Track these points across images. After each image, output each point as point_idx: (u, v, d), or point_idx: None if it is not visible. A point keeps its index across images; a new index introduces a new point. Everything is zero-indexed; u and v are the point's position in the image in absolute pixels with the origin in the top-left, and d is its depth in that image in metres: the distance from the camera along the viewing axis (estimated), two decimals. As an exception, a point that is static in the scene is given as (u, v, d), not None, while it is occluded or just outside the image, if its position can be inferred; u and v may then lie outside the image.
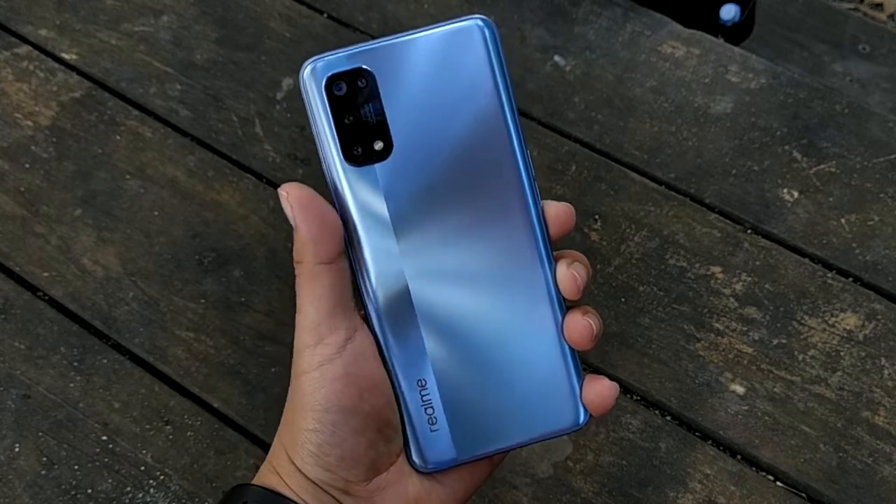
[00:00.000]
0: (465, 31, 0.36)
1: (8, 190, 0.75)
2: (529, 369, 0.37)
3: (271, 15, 0.86)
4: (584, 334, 0.37)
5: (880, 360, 0.66)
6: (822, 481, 0.61)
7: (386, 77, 0.35)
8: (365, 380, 0.36)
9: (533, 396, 0.37)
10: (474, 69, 0.35)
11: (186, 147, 0.78)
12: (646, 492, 0.61)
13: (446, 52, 0.35)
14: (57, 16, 0.86)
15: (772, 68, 0.82)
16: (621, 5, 0.87)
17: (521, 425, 0.38)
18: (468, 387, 0.37)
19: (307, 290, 0.36)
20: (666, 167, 0.76)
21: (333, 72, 0.35)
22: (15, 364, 0.66)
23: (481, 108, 0.35)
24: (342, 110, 0.35)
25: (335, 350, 0.36)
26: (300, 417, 0.37)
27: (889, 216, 0.73)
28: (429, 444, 0.37)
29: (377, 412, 0.37)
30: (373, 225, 0.36)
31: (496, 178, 0.36)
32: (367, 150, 0.35)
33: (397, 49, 0.35)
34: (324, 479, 0.37)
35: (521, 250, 0.37)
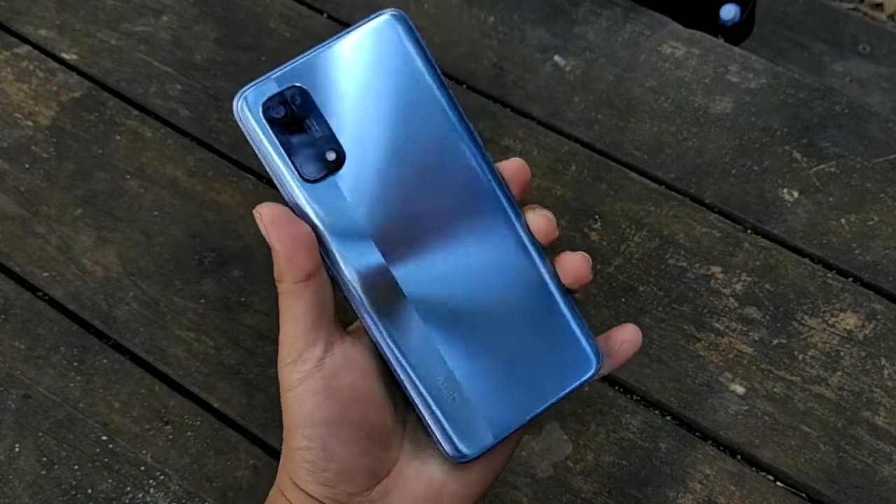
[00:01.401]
0: (379, 27, 0.36)
1: (8, 190, 0.75)
2: (537, 331, 0.38)
3: (271, 15, 0.86)
4: (580, 267, 0.37)
5: (880, 360, 0.66)
6: (822, 481, 0.61)
7: (318, 89, 0.35)
8: (347, 390, 0.36)
9: (548, 356, 0.38)
10: (398, 60, 0.36)
11: (186, 147, 0.78)
12: (646, 492, 0.61)
13: (367, 50, 0.36)
14: (57, 16, 0.86)
15: (772, 68, 0.82)
16: (621, 5, 0.87)
17: (546, 387, 0.38)
18: (485, 366, 0.37)
19: (288, 308, 0.37)
20: (666, 167, 0.76)
21: (266, 97, 0.35)
22: (15, 364, 0.66)
23: (415, 95, 0.36)
24: (285, 132, 0.35)
25: (314, 364, 0.36)
26: (291, 437, 0.37)
27: (889, 216, 0.73)
28: (464, 433, 0.37)
29: (365, 420, 0.37)
30: (348, 236, 0.36)
31: (449, 154, 0.36)
32: (321, 165, 0.35)
33: (320, 60, 0.35)
34: (326, 495, 0.37)
35: (493, 218, 0.37)
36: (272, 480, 0.40)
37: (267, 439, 0.63)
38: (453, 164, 0.36)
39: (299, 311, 0.36)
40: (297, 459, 0.37)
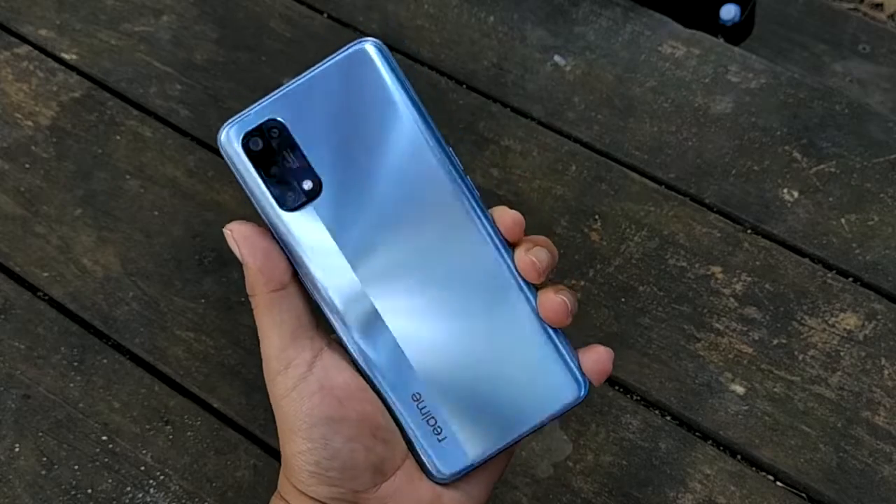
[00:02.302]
0: (353, 56, 0.37)
1: (8, 190, 0.75)
2: (518, 357, 0.38)
3: (271, 15, 0.86)
4: (557, 311, 0.38)
5: (880, 360, 0.66)
6: (822, 481, 0.62)
7: (296, 121, 0.37)
8: (341, 389, 0.37)
9: (529, 381, 0.38)
10: (374, 88, 0.37)
11: (186, 147, 0.78)
12: (646, 492, 0.61)
13: (343, 80, 0.37)
14: (57, 16, 0.86)
15: (772, 68, 0.82)
16: (621, 5, 0.87)
17: (526, 412, 0.38)
18: (464, 389, 0.38)
19: (267, 318, 0.37)
20: (666, 167, 0.76)
21: (245, 130, 0.37)
22: (15, 364, 0.66)
23: (393, 123, 0.37)
24: (264, 163, 0.37)
25: (306, 368, 0.36)
26: (289, 443, 0.37)
27: (889, 216, 0.73)
28: (441, 454, 0.38)
29: (365, 416, 0.37)
30: (326, 261, 0.37)
31: (429, 182, 0.37)
32: (298, 194, 0.37)
33: (298, 92, 0.37)
34: (332, 495, 0.37)
35: (474, 246, 0.37)
36: (272, 480, 0.40)
37: (267, 439, 0.63)
38: (431, 190, 0.37)
39: (279, 319, 0.37)
40: (299, 464, 0.37)
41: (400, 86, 0.36)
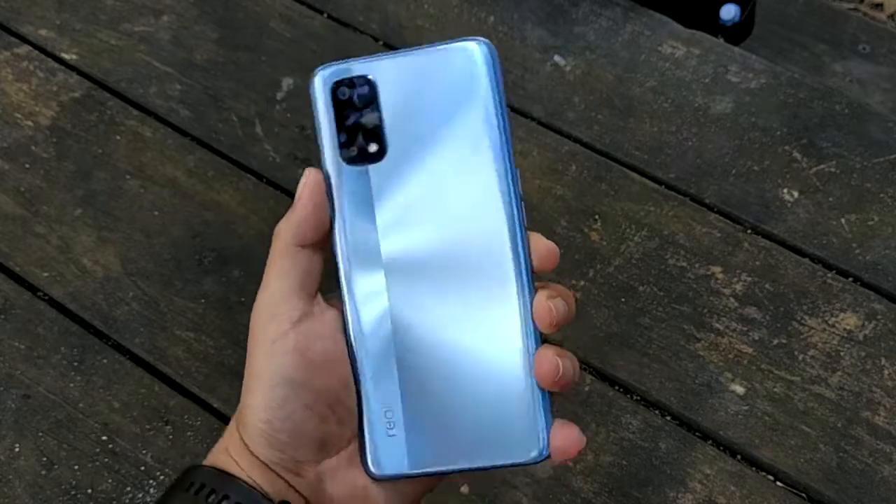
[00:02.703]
0: (464, 50, 0.37)
1: (8, 190, 0.75)
2: (497, 396, 0.37)
3: (271, 15, 0.86)
4: (547, 373, 0.36)
5: (880, 360, 0.66)
6: (822, 481, 0.61)
7: (387, 87, 0.37)
8: (318, 356, 0.36)
9: (496, 423, 0.37)
10: (470, 88, 0.37)
11: (186, 147, 0.78)
12: (646, 492, 0.61)
13: (446, 69, 0.37)
14: (57, 16, 0.86)
15: (772, 68, 0.82)
16: (621, 5, 0.87)
17: (479, 450, 0.37)
18: (433, 402, 0.37)
19: (277, 265, 0.37)
20: (666, 167, 0.76)
21: (338, 78, 0.38)
22: (15, 364, 0.66)
23: (472, 124, 0.37)
24: (343, 113, 0.38)
25: (289, 325, 0.36)
26: (250, 393, 0.37)
27: (889, 216, 0.73)
28: (384, 450, 0.37)
29: (328, 389, 0.37)
30: (359, 223, 0.37)
31: (482, 191, 0.37)
32: (361, 151, 0.37)
33: (401, 62, 0.37)
34: (273, 459, 0.37)
35: (502, 273, 0.37)
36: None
37: (267, 439, 0.63)
38: (481, 199, 0.37)
39: (286, 270, 0.37)
40: (251, 417, 0.37)
41: (493, 94, 0.37)
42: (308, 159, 0.77)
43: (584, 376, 0.66)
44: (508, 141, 0.37)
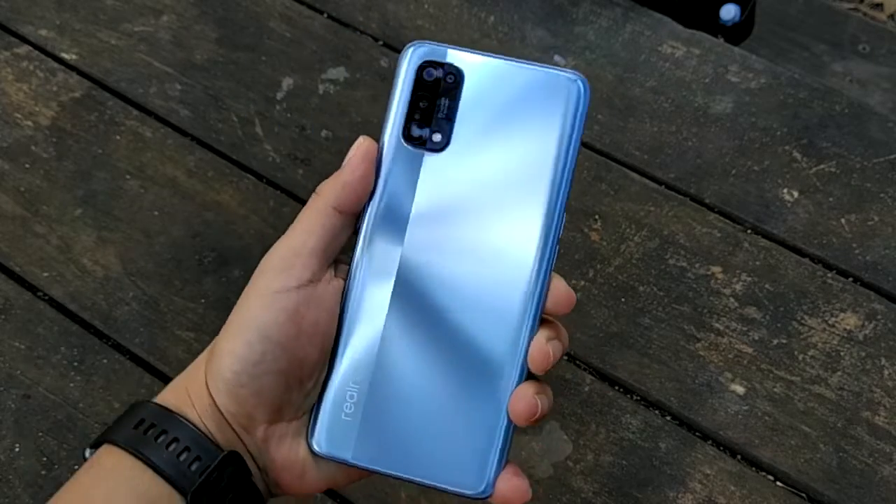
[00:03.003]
0: (561, 81, 0.37)
1: (8, 190, 0.75)
2: (463, 420, 0.37)
3: (271, 15, 0.86)
4: (523, 411, 0.36)
5: (880, 360, 0.66)
6: (822, 481, 0.61)
7: (473, 84, 0.37)
8: (310, 325, 0.36)
9: (451, 446, 0.37)
10: (552, 118, 0.37)
11: (186, 147, 0.78)
12: (646, 492, 0.61)
13: (536, 90, 0.37)
14: (57, 16, 0.86)
15: (772, 68, 0.82)
16: (621, 5, 0.87)
17: (424, 465, 0.37)
18: (399, 401, 0.37)
19: (307, 220, 0.37)
20: (666, 167, 0.76)
21: (430, 59, 0.37)
22: (15, 364, 0.66)
23: (542, 157, 0.37)
24: (421, 93, 0.37)
25: (296, 283, 0.36)
26: (230, 337, 0.36)
27: (889, 216, 0.73)
28: (330, 430, 0.37)
29: (306, 361, 0.36)
30: (396, 205, 0.37)
31: (523, 226, 0.37)
32: (424, 137, 0.37)
33: (496, 67, 0.37)
34: (230, 410, 0.36)
35: (512, 303, 0.37)
36: (272, 480, 0.40)
37: (267, 439, 0.63)
38: (520, 234, 0.37)
39: (315, 228, 0.36)
40: (222, 364, 0.36)
41: (571, 133, 0.37)
42: (308, 159, 0.77)
43: (584, 376, 0.66)
44: (569, 184, 0.37)
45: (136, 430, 0.35)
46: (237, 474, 0.36)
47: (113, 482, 0.35)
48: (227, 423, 0.36)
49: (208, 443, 0.35)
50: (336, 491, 0.61)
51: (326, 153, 0.77)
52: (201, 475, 0.34)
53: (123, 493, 0.34)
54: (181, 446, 0.35)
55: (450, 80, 0.37)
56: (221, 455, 0.35)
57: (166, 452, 0.35)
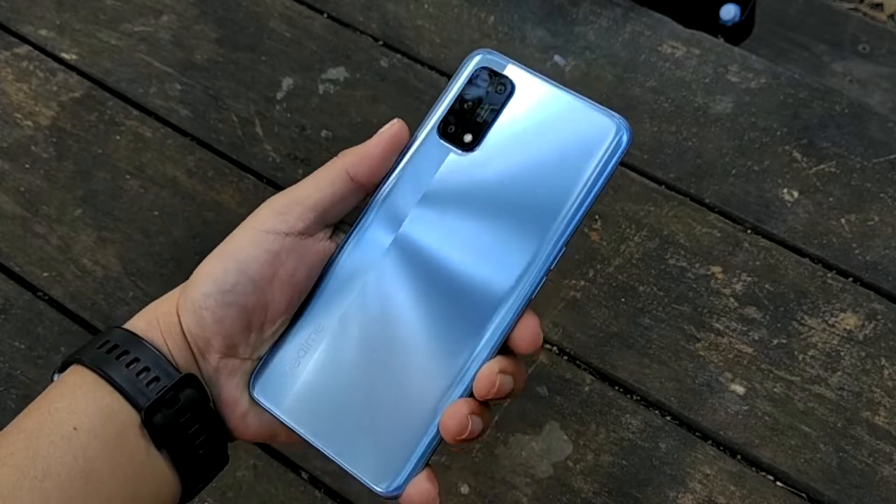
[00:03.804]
0: (605, 123, 0.37)
1: (8, 190, 0.75)
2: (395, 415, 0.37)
3: (271, 15, 0.86)
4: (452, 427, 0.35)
5: (880, 360, 0.66)
6: (822, 481, 0.62)
7: (520, 101, 0.38)
8: (286, 273, 0.37)
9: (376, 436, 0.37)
10: (584, 157, 0.37)
11: (186, 147, 0.78)
12: (646, 492, 0.61)
13: (579, 124, 0.37)
14: (57, 16, 0.86)
15: (772, 68, 0.82)
16: (621, 5, 0.87)
17: (345, 445, 0.37)
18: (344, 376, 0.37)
19: (318, 175, 0.38)
20: (666, 167, 0.76)
21: (490, 66, 0.39)
22: (15, 364, 0.66)
23: (561, 191, 0.37)
24: (467, 94, 0.38)
25: (286, 229, 0.37)
26: (211, 262, 0.37)
27: (889, 216, 0.73)
28: (273, 380, 0.38)
29: (273, 307, 0.37)
30: (409, 189, 0.38)
31: (518, 250, 0.37)
32: (457, 134, 0.38)
33: (546, 90, 0.38)
34: (190, 332, 0.37)
35: (479, 316, 0.37)
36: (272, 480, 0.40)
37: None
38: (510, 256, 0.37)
39: (324, 186, 0.37)
40: (197, 283, 0.37)
41: (598, 177, 0.37)
42: (308, 159, 0.77)
43: (584, 376, 0.66)
44: (577, 223, 0.37)
45: (101, 349, 0.37)
46: (196, 398, 0.37)
47: (75, 395, 0.36)
48: (187, 345, 0.37)
49: (169, 365, 0.37)
50: (336, 491, 0.61)
51: (326, 153, 0.77)
52: (157, 393, 0.36)
53: (84, 406, 0.36)
54: (141, 366, 0.36)
55: (499, 90, 0.38)
56: (179, 377, 0.36)
57: (126, 370, 0.36)
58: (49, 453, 0.34)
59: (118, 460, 0.35)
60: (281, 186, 0.75)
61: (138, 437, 0.35)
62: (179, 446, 0.36)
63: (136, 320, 0.39)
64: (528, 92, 0.38)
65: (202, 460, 0.37)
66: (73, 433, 0.35)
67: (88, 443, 0.35)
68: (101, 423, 0.35)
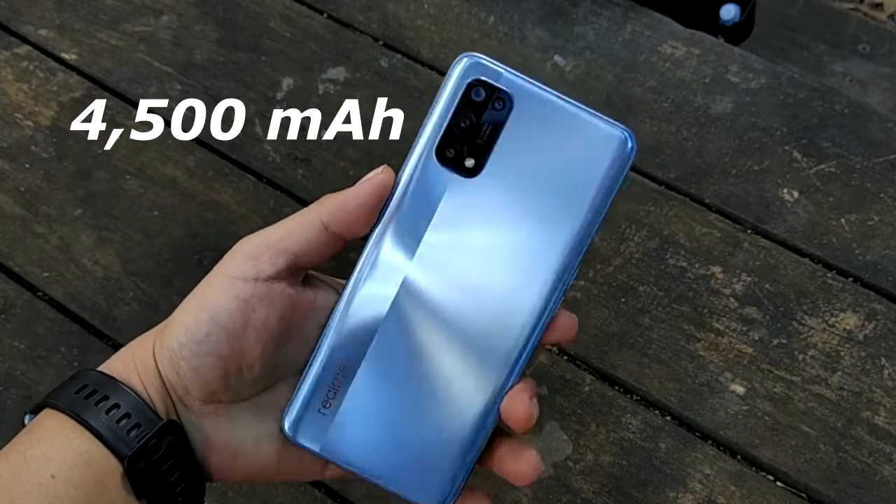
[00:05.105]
0: (610, 135, 0.36)
1: (8, 190, 0.75)
2: (435, 438, 0.37)
3: (271, 15, 0.86)
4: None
5: (880, 360, 0.66)
6: (822, 481, 0.62)
7: (521, 115, 0.36)
8: (259, 320, 0.36)
9: (420, 460, 0.37)
10: (591, 171, 0.36)
11: (186, 147, 0.78)
12: (646, 492, 0.61)
13: (583, 137, 0.36)
14: (57, 16, 0.86)
15: (772, 68, 0.82)
16: (621, 5, 0.87)
17: (389, 470, 0.37)
18: (378, 404, 0.37)
19: (294, 221, 0.37)
20: (666, 167, 0.76)
21: (482, 77, 0.36)
22: (15, 364, 0.66)
23: (571, 207, 0.36)
24: (465, 113, 0.36)
25: (255, 274, 0.36)
26: (183, 312, 0.37)
27: (889, 216, 0.73)
28: (308, 421, 0.37)
29: (248, 354, 0.36)
30: (413, 220, 0.36)
31: (535, 275, 0.36)
32: (457, 159, 0.36)
33: (546, 102, 0.36)
34: (169, 378, 0.37)
35: (501, 345, 0.36)
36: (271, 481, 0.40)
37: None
38: (530, 277, 0.36)
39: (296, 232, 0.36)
40: (173, 332, 0.36)
41: (606, 190, 0.36)
42: (308, 159, 0.77)
43: (584, 376, 0.66)
44: (591, 238, 0.36)
45: (78, 394, 0.36)
46: (177, 445, 0.36)
47: (52, 442, 0.35)
48: (165, 391, 0.37)
49: (149, 411, 0.36)
50: (336, 491, 0.61)
51: (326, 153, 0.77)
52: (139, 441, 0.35)
53: (62, 454, 0.34)
54: (121, 412, 0.35)
55: (498, 105, 0.35)
56: (161, 423, 0.36)
57: (106, 417, 0.35)
58: (26, 502, 0.33)
59: None
60: (281, 186, 0.76)
61: (118, 486, 0.35)
62: (160, 495, 0.36)
63: (113, 362, 0.38)
64: (528, 105, 0.36)
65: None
66: (51, 481, 0.34)
67: (66, 491, 0.34)
68: (79, 471, 0.34)
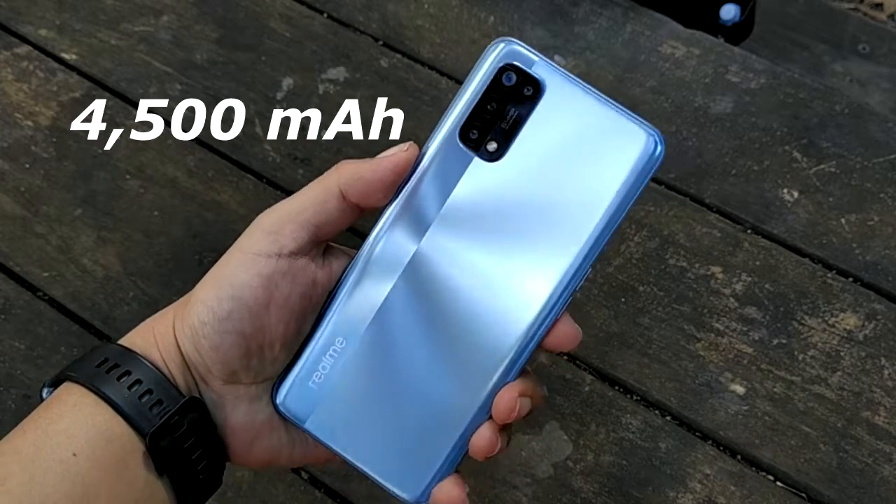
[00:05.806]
0: (639, 135, 0.35)
1: (8, 190, 0.75)
2: (423, 425, 0.36)
3: (271, 15, 0.86)
4: (481, 448, 0.36)
5: (880, 360, 0.66)
6: (822, 481, 0.62)
7: (551, 104, 0.35)
8: (281, 296, 0.35)
9: (402, 446, 0.37)
10: (616, 169, 0.35)
11: (186, 147, 0.78)
12: (646, 492, 0.61)
13: (611, 133, 0.35)
14: (57, 16, 0.86)
15: (772, 68, 0.82)
16: (621, 5, 0.87)
17: (372, 454, 0.37)
18: (369, 384, 0.37)
19: (311, 190, 0.36)
20: (666, 167, 0.76)
21: (517, 62, 0.35)
22: (15, 364, 0.66)
23: (591, 203, 0.35)
24: (493, 96, 0.35)
25: (278, 250, 0.35)
26: (206, 289, 0.36)
27: (889, 216, 0.73)
28: (296, 391, 0.37)
29: (270, 331, 0.36)
30: (428, 199, 0.36)
31: (546, 268, 0.36)
32: (479, 141, 0.35)
33: (577, 94, 0.35)
34: (189, 358, 0.36)
35: (503, 336, 0.36)
36: (273, 480, 0.40)
37: (267, 439, 0.63)
38: (537, 274, 0.36)
39: (318, 203, 0.36)
40: (194, 310, 0.36)
41: (629, 190, 0.35)
42: (308, 159, 0.77)
43: (584, 376, 0.66)
44: (607, 239, 0.35)
45: (99, 368, 0.35)
46: (199, 422, 0.35)
47: (73, 418, 0.34)
48: (188, 369, 0.36)
49: (171, 387, 0.35)
50: (336, 491, 0.61)
51: (326, 153, 0.77)
52: (161, 417, 0.34)
53: (84, 431, 0.34)
54: (143, 388, 0.35)
55: (527, 91, 0.35)
56: (183, 400, 0.35)
57: (128, 392, 0.34)
58: (46, 480, 0.33)
59: (118, 488, 0.34)
60: (281, 186, 0.76)
61: (139, 464, 0.34)
62: (181, 472, 0.35)
63: (133, 336, 0.37)
64: (558, 95, 0.35)
65: (201, 485, 0.36)
66: (73, 459, 0.33)
67: (88, 470, 0.33)
68: (101, 448, 0.34)
